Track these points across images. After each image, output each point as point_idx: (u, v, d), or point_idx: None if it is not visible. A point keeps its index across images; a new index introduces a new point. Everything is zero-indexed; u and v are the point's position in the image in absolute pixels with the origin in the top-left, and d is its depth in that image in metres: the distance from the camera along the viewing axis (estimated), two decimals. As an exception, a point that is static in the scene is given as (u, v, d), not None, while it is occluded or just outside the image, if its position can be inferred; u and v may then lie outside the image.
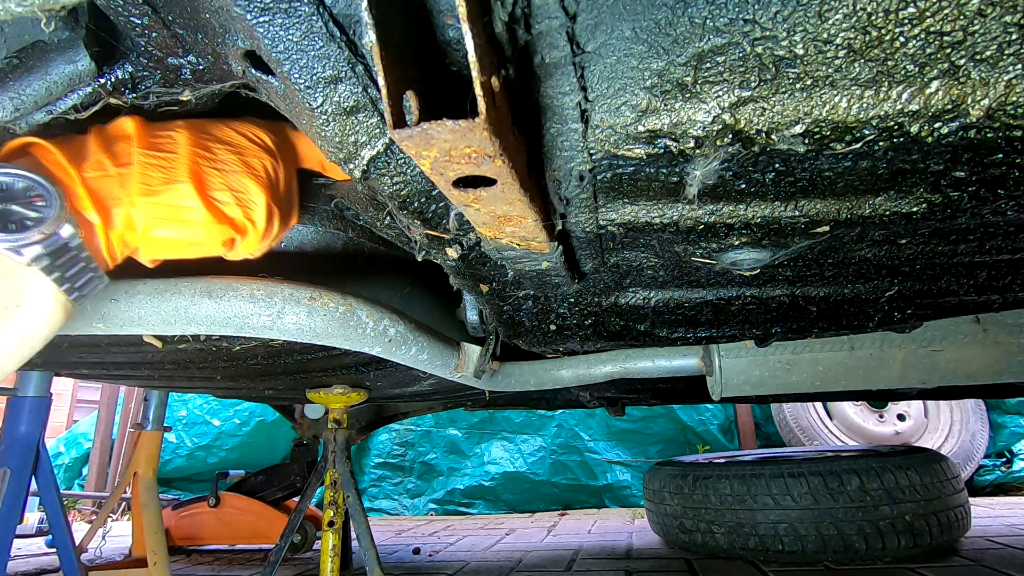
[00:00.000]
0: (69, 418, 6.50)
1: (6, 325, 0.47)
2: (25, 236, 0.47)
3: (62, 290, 0.50)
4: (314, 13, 0.39)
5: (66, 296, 0.51)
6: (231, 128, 0.60)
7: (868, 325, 0.98)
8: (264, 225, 0.60)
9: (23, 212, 0.48)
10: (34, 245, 0.48)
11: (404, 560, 2.54)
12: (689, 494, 2.20)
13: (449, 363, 0.99)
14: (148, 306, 0.64)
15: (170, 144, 0.55)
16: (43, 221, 0.48)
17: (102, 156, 0.53)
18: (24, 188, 0.48)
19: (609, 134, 0.48)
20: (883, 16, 0.38)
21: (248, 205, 0.58)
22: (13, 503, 1.62)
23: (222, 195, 0.57)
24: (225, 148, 0.58)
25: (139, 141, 0.54)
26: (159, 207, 0.54)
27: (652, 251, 0.71)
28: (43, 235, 0.48)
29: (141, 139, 0.54)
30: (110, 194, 0.53)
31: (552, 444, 4.40)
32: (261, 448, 4.46)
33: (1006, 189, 0.54)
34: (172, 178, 0.54)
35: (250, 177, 0.58)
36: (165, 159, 0.54)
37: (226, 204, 0.57)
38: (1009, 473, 3.87)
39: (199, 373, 1.29)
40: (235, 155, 0.58)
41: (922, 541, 1.91)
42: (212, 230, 0.57)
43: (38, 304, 0.49)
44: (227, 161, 0.57)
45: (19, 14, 0.40)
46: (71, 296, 0.51)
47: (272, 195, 0.60)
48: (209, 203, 0.56)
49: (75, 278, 0.51)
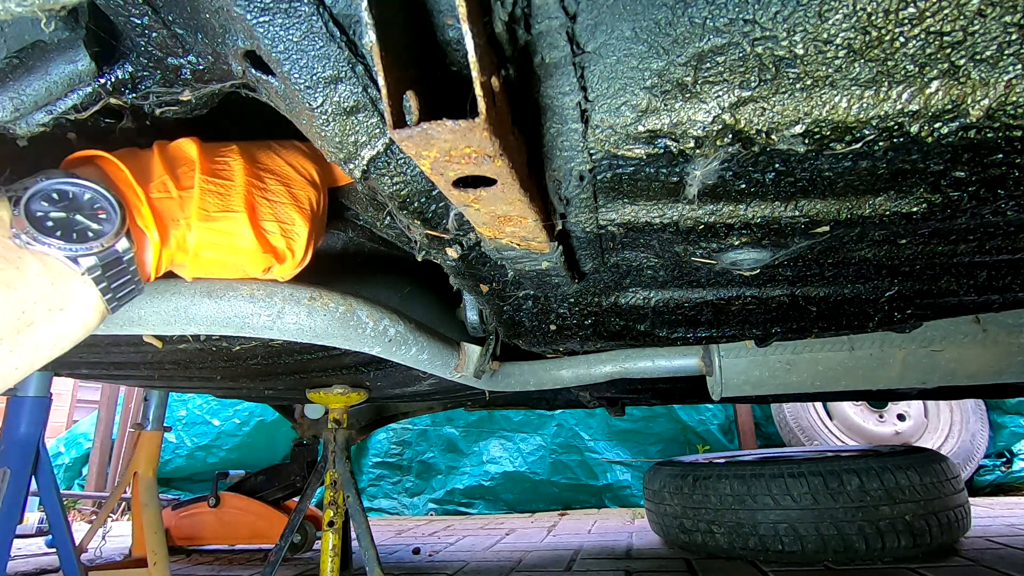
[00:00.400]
0: (69, 418, 6.51)
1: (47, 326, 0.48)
2: (86, 247, 0.49)
3: (104, 299, 0.52)
4: (314, 13, 0.39)
5: (106, 304, 0.53)
6: (281, 157, 0.64)
7: (868, 325, 0.98)
8: (302, 255, 0.64)
9: (86, 224, 0.50)
10: (91, 256, 0.49)
11: (404, 560, 2.54)
12: (689, 494, 2.20)
13: (449, 363, 0.99)
14: (148, 306, 0.64)
15: (227, 172, 0.59)
16: (103, 235, 0.50)
17: (166, 178, 0.56)
18: (90, 200, 0.50)
19: (609, 134, 0.48)
20: (883, 16, 0.38)
21: (292, 236, 0.62)
22: (13, 503, 1.62)
23: (270, 225, 0.60)
24: (275, 179, 0.62)
25: (202, 167, 0.57)
26: (214, 232, 0.57)
27: (652, 251, 0.71)
28: (102, 248, 0.50)
29: (203, 165, 0.57)
30: (170, 215, 0.55)
31: (552, 443, 4.40)
32: (261, 448, 4.46)
33: (1006, 189, 0.54)
34: (229, 206, 0.57)
35: (296, 210, 0.62)
36: (223, 186, 0.58)
37: (272, 234, 0.61)
38: (1009, 473, 3.87)
39: (199, 373, 1.29)
40: (284, 187, 0.62)
41: (922, 541, 1.91)
42: (256, 257, 0.61)
43: (80, 310, 0.51)
44: (277, 192, 0.61)
45: (19, 14, 0.40)
46: (111, 305, 0.53)
47: (313, 226, 0.64)
48: (259, 232, 0.59)
49: (119, 289, 0.53)
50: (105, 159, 0.54)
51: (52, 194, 0.49)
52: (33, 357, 0.49)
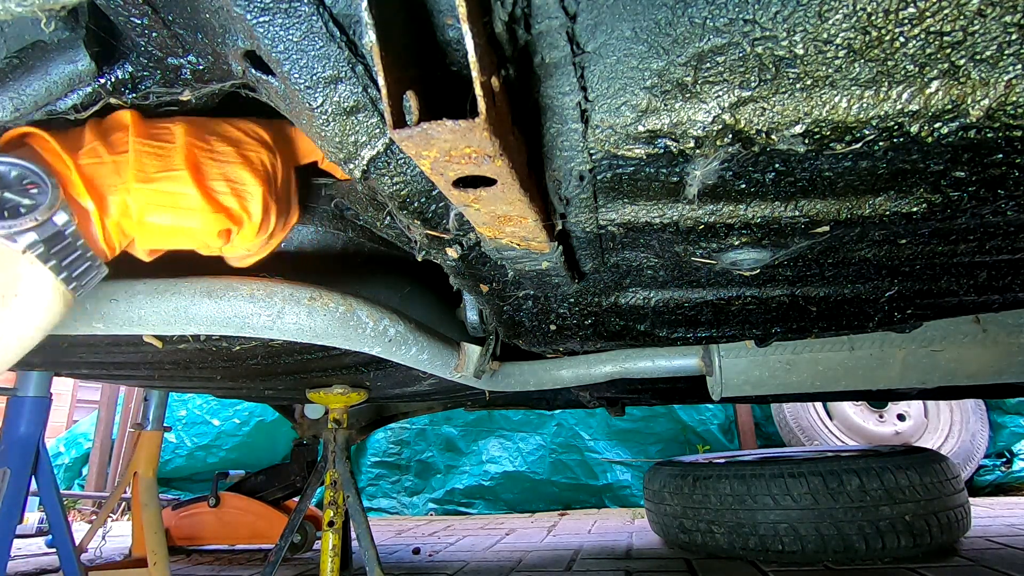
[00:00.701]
0: (69, 418, 6.50)
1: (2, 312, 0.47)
2: (19, 223, 0.47)
3: (60, 279, 0.50)
4: (314, 13, 0.39)
5: (65, 286, 0.51)
6: (229, 124, 0.61)
7: (868, 325, 0.98)
8: (260, 216, 0.61)
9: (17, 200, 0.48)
10: (29, 232, 0.48)
11: (404, 560, 2.54)
12: (689, 494, 2.20)
13: (449, 363, 0.99)
14: (148, 306, 0.64)
15: (167, 135, 0.56)
16: (36, 208, 0.48)
17: (98, 144, 0.54)
18: (18, 176, 0.49)
19: (609, 134, 0.48)
20: (883, 16, 0.38)
21: (244, 196, 0.59)
22: (13, 503, 1.62)
23: (218, 184, 0.57)
24: (223, 141, 0.59)
25: (136, 130, 0.55)
26: (155, 194, 0.54)
27: (652, 251, 0.71)
28: (36, 222, 0.48)
29: (137, 128, 0.55)
30: (105, 181, 0.53)
31: (552, 443, 4.40)
32: (261, 448, 4.46)
33: (1006, 189, 0.54)
34: (168, 166, 0.55)
35: (247, 169, 0.59)
36: (162, 148, 0.55)
37: (222, 194, 0.57)
38: (1009, 473, 3.87)
39: (199, 373, 1.29)
40: (232, 147, 0.59)
41: (922, 541, 1.91)
42: (208, 219, 0.57)
43: (36, 293, 0.49)
44: (224, 152, 0.58)
45: (19, 14, 0.40)
46: (70, 286, 0.52)
47: (269, 188, 0.61)
48: (205, 191, 0.56)
49: (72, 266, 0.51)
50: (35, 135, 0.52)
51: None
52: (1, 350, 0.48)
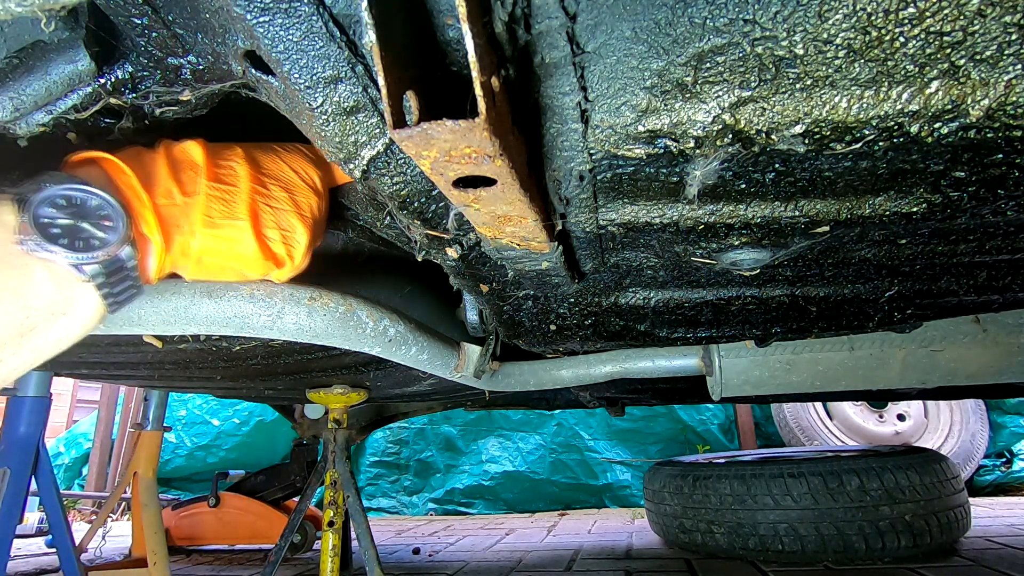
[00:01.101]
0: (69, 418, 6.51)
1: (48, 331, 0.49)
2: (91, 255, 0.49)
3: (105, 302, 0.53)
4: (314, 13, 0.39)
5: (106, 306, 0.53)
6: (284, 162, 0.64)
7: (868, 325, 0.98)
8: (300, 261, 0.65)
9: (91, 232, 0.50)
10: (95, 264, 0.50)
11: (404, 560, 2.54)
12: (689, 494, 2.20)
13: (449, 363, 0.99)
14: (148, 306, 0.64)
15: (232, 177, 0.59)
16: (108, 244, 0.50)
17: (171, 184, 0.56)
18: (96, 207, 0.50)
19: (609, 134, 0.48)
20: (883, 16, 0.38)
21: (292, 244, 0.63)
22: (13, 503, 1.62)
23: (272, 232, 0.61)
24: (279, 186, 0.62)
25: (207, 172, 0.57)
26: (217, 240, 0.57)
27: (652, 251, 0.71)
28: (107, 256, 0.50)
29: (209, 170, 0.57)
30: (174, 222, 0.56)
31: (552, 443, 4.40)
32: (261, 448, 4.46)
33: (1006, 189, 0.54)
34: (232, 214, 0.58)
35: (298, 217, 0.63)
36: (228, 192, 0.58)
37: (273, 241, 0.61)
38: (1009, 473, 3.87)
39: (199, 373, 1.29)
40: (287, 193, 0.62)
41: (922, 541, 1.91)
42: (257, 263, 0.61)
43: (81, 313, 0.51)
44: (280, 199, 0.62)
45: (19, 14, 0.40)
46: (110, 307, 0.54)
47: (313, 235, 0.65)
48: (261, 240, 0.60)
49: (120, 293, 0.53)
50: (109, 162, 0.54)
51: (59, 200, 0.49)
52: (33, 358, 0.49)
